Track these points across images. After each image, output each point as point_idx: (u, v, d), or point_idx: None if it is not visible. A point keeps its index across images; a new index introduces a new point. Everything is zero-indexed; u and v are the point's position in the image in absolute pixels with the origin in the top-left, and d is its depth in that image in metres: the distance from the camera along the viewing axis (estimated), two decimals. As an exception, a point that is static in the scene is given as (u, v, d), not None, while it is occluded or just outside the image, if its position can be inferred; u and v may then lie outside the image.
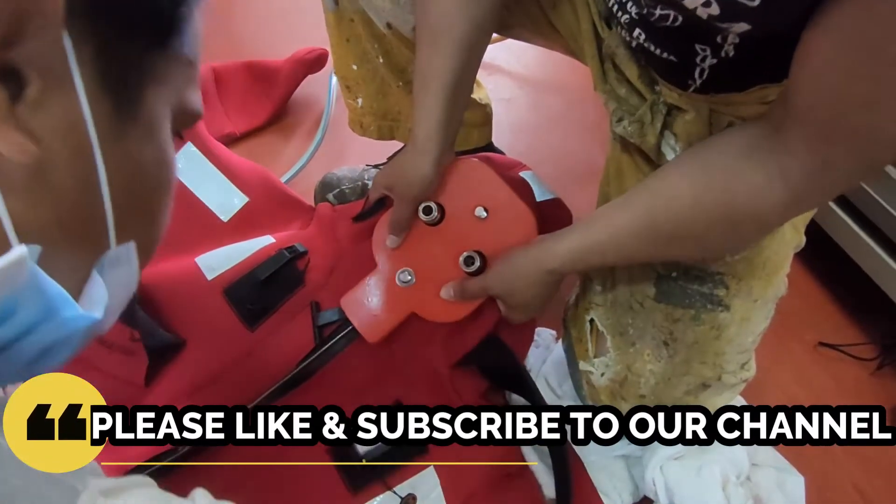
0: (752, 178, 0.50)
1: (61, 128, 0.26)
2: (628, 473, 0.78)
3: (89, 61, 0.26)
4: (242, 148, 1.19)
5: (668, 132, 0.67)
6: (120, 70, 0.27)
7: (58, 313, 0.27)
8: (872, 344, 0.93)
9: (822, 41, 0.42)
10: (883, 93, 0.40)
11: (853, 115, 0.42)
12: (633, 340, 0.70)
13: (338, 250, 0.80)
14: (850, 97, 0.42)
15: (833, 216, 0.93)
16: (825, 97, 0.43)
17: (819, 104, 0.44)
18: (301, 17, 1.48)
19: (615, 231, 0.60)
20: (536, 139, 1.25)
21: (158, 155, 0.31)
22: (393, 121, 0.95)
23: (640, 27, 0.60)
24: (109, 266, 0.30)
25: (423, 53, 0.67)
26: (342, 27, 0.85)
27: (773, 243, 0.67)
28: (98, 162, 0.27)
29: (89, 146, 0.27)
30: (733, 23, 0.49)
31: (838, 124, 0.44)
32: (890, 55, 0.38)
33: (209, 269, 0.78)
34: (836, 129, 0.44)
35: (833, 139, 0.44)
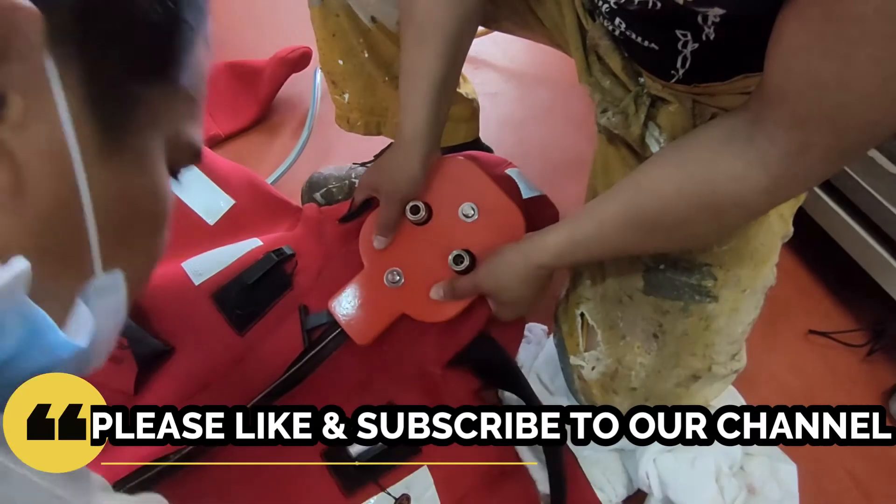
0: (732, 166, 0.50)
1: (44, 150, 0.25)
2: (622, 466, 0.78)
3: (76, 85, 0.26)
4: (228, 149, 1.18)
5: (653, 123, 0.67)
6: (107, 96, 0.27)
7: (41, 338, 0.26)
8: (863, 330, 0.93)
9: (791, 23, 0.43)
10: (852, 74, 0.40)
11: (825, 97, 0.42)
12: (623, 333, 0.70)
13: (325, 252, 0.79)
14: (820, 79, 0.42)
15: (821, 204, 0.93)
16: (797, 79, 0.44)
17: (792, 86, 0.44)
18: (283, 15, 1.47)
19: (602, 224, 0.60)
20: (523, 133, 1.24)
21: (150, 186, 0.31)
22: (380, 116, 0.95)
23: (620, 16, 0.60)
24: (96, 295, 0.30)
25: (409, 51, 0.67)
26: (327, 22, 0.84)
27: (760, 233, 0.67)
28: (82, 186, 0.27)
29: (72, 170, 0.26)
30: (708, 8, 0.49)
31: (811, 106, 0.44)
32: (855, 35, 0.38)
33: (196, 275, 0.77)
34: (809, 112, 0.44)
35: (807, 122, 0.44)
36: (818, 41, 0.41)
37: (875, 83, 0.40)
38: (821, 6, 0.40)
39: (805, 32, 0.42)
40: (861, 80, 0.40)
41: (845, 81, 0.41)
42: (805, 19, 0.41)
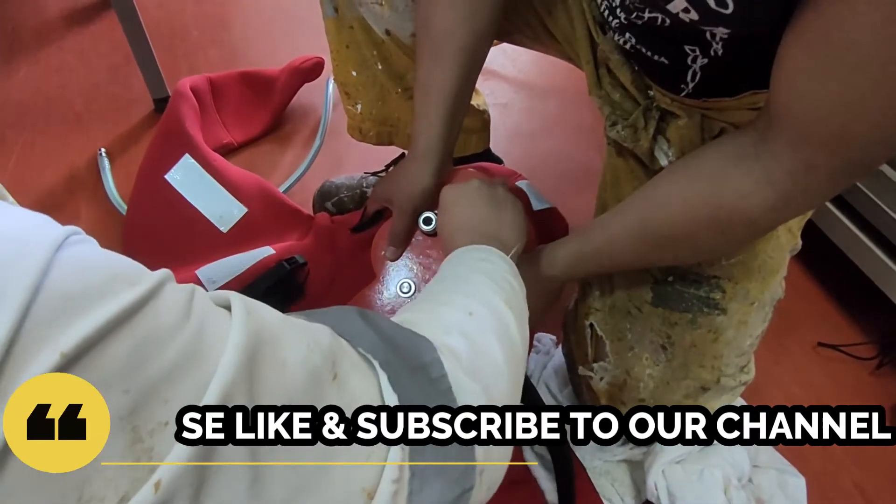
0: (739, 184, 0.51)
1: None
2: (630, 478, 0.78)
3: None
4: (240, 158, 1.19)
5: (662, 137, 0.68)
6: None
7: None
8: (871, 343, 0.93)
9: (793, 46, 0.43)
10: (853, 96, 0.41)
11: (828, 118, 0.43)
12: (631, 345, 0.71)
13: (337, 261, 0.80)
14: (823, 100, 0.42)
15: (831, 217, 0.93)
16: (800, 100, 0.44)
17: (796, 107, 0.45)
18: (296, 25, 1.49)
19: (611, 238, 0.61)
20: (533, 144, 1.25)
21: None
22: (392, 126, 0.96)
23: (630, 31, 0.61)
24: None
25: (425, 64, 0.68)
26: (342, 34, 0.85)
27: (768, 247, 0.68)
28: None
29: None
30: (713, 27, 0.49)
31: (815, 127, 0.44)
32: (853, 59, 0.39)
33: (210, 282, 0.78)
34: (813, 132, 0.44)
35: (811, 141, 0.45)
36: (819, 64, 0.41)
37: (877, 105, 0.40)
38: (820, 31, 0.40)
39: (806, 56, 0.42)
40: (863, 103, 0.40)
41: (847, 103, 0.41)
42: (806, 43, 0.42)
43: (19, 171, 1.16)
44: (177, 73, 1.32)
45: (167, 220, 0.89)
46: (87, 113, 1.28)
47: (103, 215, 1.08)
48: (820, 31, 0.40)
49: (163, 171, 0.90)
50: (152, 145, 0.95)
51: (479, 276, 0.48)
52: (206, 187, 0.90)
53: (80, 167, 1.17)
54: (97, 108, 1.29)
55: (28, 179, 1.15)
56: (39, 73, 1.37)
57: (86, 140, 1.21)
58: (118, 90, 1.33)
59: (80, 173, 1.16)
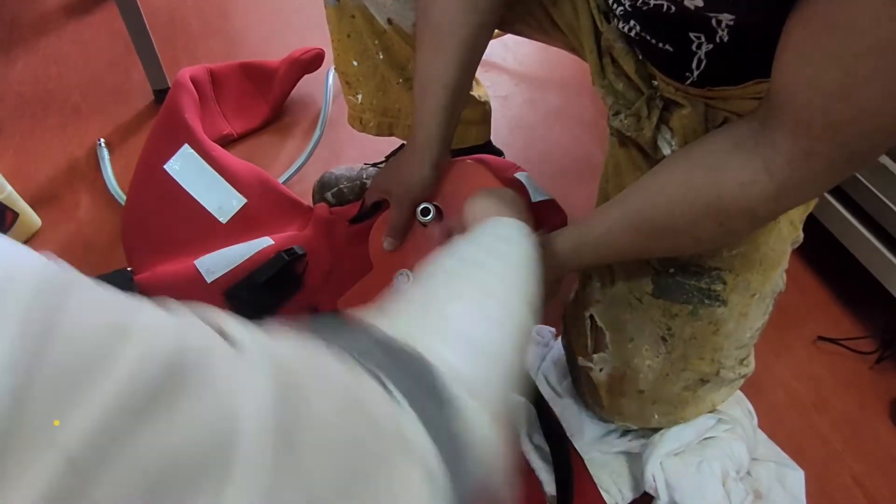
0: (738, 173, 0.50)
1: None
2: (628, 469, 0.78)
3: None
4: (240, 149, 1.19)
5: (665, 127, 0.67)
6: None
7: None
8: (871, 338, 0.93)
9: (796, 31, 0.43)
10: (854, 83, 0.40)
11: (828, 105, 0.43)
12: (631, 336, 0.70)
13: (335, 252, 0.80)
14: (823, 87, 0.42)
15: (831, 210, 0.93)
16: (801, 87, 0.44)
17: (796, 94, 0.45)
18: (297, 16, 1.48)
19: (610, 228, 0.60)
20: (533, 136, 1.25)
21: None
22: (392, 117, 0.96)
23: (634, 18, 0.61)
24: None
25: (425, 55, 0.67)
26: (343, 23, 0.85)
27: (769, 239, 0.68)
28: None
29: None
30: (718, 13, 0.49)
31: (815, 114, 0.44)
32: (858, 46, 0.39)
33: (208, 272, 0.78)
34: (813, 119, 0.44)
35: (812, 129, 0.45)
36: (821, 50, 0.41)
37: (878, 92, 0.40)
38: (823, 16, 0.40)
39: (808, 41, 0.42)
40: (864, 90, 0.40)
41: (848, 90, 0.41)
42: (808, 28, 0.41)
43: (18, 162, 1.16)
44: (176, 63, 1.32)
45: (166, 210, 0.89)
46: (86, 103, 1.28)
47: (102, 206, 1.08)
48: (822, 16, 0.40)
49: (162, 162, 0.90)
50: (152, 136, 0.95)
51: (498, 264, 0.46)
52: (206, 178, 0.89)
53: (79, 158, 1.17)
54: (96, 99, 1.28)
55: (27, 170, 1.14)
56: (39, 63, 1.37)
57: (85, 131, 1.21)
58: (118, 81, 1.32)
59: (80, 164, 1.16)
